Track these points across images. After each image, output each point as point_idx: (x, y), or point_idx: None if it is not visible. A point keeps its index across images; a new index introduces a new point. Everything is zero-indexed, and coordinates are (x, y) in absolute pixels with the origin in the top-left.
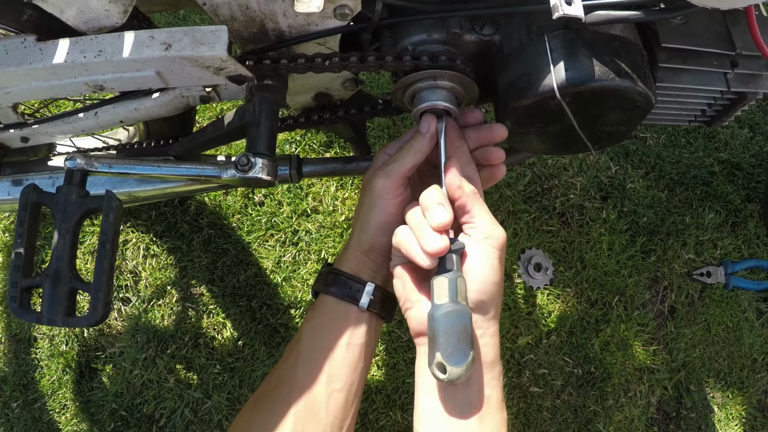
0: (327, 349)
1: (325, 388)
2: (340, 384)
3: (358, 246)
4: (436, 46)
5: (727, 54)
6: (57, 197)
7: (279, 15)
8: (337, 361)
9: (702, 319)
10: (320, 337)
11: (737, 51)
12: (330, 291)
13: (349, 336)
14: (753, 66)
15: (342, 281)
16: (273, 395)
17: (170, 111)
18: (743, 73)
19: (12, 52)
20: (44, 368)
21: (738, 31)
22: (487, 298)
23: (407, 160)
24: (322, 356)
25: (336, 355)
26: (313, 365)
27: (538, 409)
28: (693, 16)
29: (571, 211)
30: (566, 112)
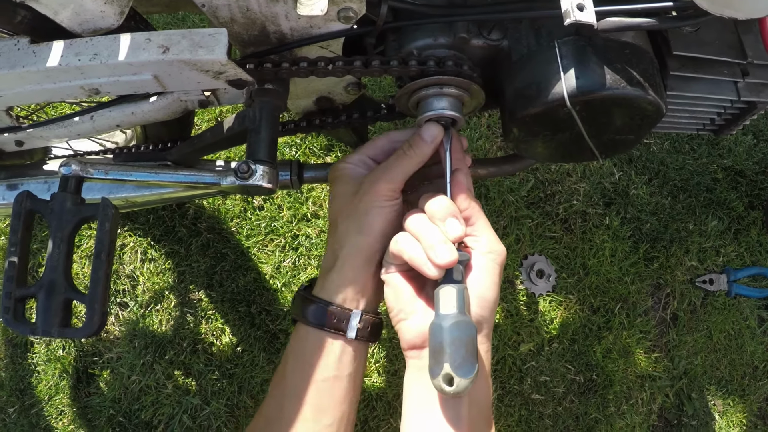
0: (314, 383)
1: (315, 425)
2: (330, 419)
3: (353, 257)
4: (443, 50)
5: (738, 63)
6: (51, 205)
7: (281, 17)
8: (326, 396)
9: (704, 327)
10: (305, 371)
11: (749, 60)
12: (312, 323)
13: (337, 368)
14: (764, 75)
15: (324, 312)
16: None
17: (168, 115)
18: (754, 83)
19: (5, 54)
20: (41, 373)
21: (750, 39)
22: (486, 313)
23: (410, 166)
24: (309, 392)
25: (324, 390)
26: (300, 402)
27: (539, 417)
28: (705, 24)
29: (574, 218)
30: (576, 121)
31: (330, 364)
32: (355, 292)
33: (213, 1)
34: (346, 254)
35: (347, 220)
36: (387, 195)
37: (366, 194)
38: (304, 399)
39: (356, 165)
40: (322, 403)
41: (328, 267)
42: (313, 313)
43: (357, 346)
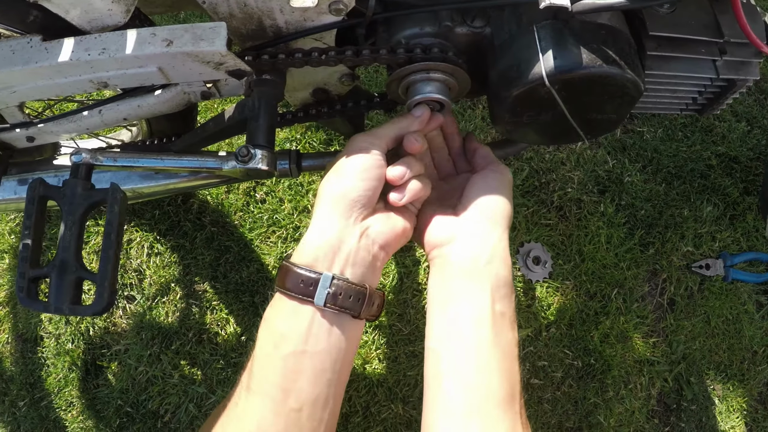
0: (278, 357)
1: (278, 406)
2: (297, 402)
3: (329, 205)
4: (429, 39)
5: (716, 42)
6: (63, 190)
7: (276, 11)
8: (291, 373)
9: (701, 312)
10: (271, 343)
11: (725, 38)
12: (282, 288)
13: (305, 341)
14: (742, 53)
15: (294, 274)
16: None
17: (172, 107)
18: (732, 60)
19: (18, 52)
20: (50, 367)
21: (726, 19)
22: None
23: (393, 129)
24: (273, 367)
25: (289, 366)
26: (264, 381)
27: (538, 401)
28: (681, 5)
29: (569, 205)
30: (557, 100)
31: (296, 336)
32: (328, 251)
33: None
34: (318, 204)
35: (326, 175)
36: (365, 142)
37: (348, 146)
38: (267, 375)
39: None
40: (286, 381)
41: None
42: (284, 278)
43: (333, 318)
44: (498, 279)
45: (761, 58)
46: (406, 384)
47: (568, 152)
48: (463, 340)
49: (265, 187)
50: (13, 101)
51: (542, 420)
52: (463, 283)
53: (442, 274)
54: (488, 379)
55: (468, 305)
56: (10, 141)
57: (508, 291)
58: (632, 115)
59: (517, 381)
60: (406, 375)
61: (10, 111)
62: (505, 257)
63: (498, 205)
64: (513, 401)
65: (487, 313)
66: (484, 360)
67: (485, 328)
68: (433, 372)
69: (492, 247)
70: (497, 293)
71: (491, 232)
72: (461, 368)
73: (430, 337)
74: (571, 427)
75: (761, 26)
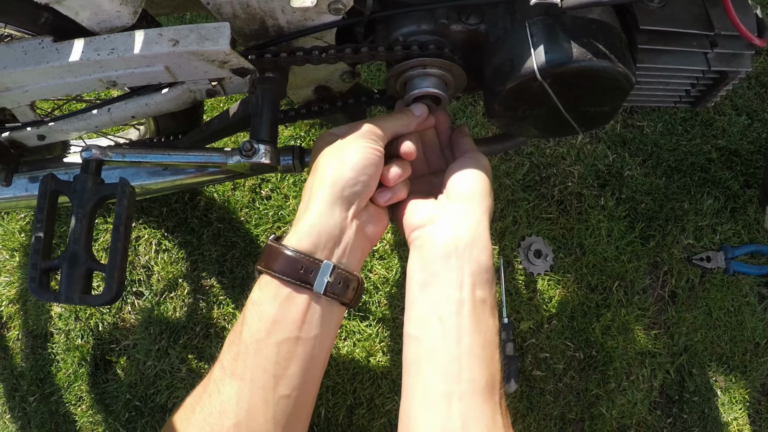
0: (272, 344)
1: (269, 394)
2: (288, 388)
3: (328, 193)
4: (425, 36)
5: (706, 34)
6: (74, 185)
7: (278, 11)
8: (284, 359)
9: (703, 304)
10: (263, 330)
11: (716, 31)
12: (276, 272)
13: (300, 327)
14: (733, 46)
15: (291, 259)
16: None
17: (179, 105)
18: (723, 53)
19: (30, 52)
20: (60, 362)
21: (716, 12)
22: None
23: (395, 124)
24: (265, 353)
25: (283, 352)
26: (255, 367)
27: (540, 393)
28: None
29: (569, 199)
30: (549, 94)
31: (293, 322)
32: (329, 239)
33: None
34: (319, 190)
35: (326, 158)
36: (369, 136)
37: (348, 133)
38: (258, 361)
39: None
40: (278, 367)
41: (301, 211)
42: (278, 262)
43: (326, 305)
44: (479, 265)
45: (753, 50)
46: None
47: (568, 147)
48: (443, 326)
49: (270, 184)
50: (25, 100)
51: (545, 411)
52: (443, 265)
53: (421, 256)
54: (469, 368)
55: (448, 290)
56: (22, 140)
57: (489, 277)
58: (632, 110)
59: (498, 370)
60: None
61: (22, 110)
62: (486, 242)
63: (475, 186)
64: (493, 390)
65: (468, 299)
66: (465, 348)
67: (466, 315)
68: (412, 358)
69: (472, 228)
70: (478, 278)
71: (470, 212)
72: (441, 356)
73: (409, 321)
74: (573, 418)
75: (752, 18)
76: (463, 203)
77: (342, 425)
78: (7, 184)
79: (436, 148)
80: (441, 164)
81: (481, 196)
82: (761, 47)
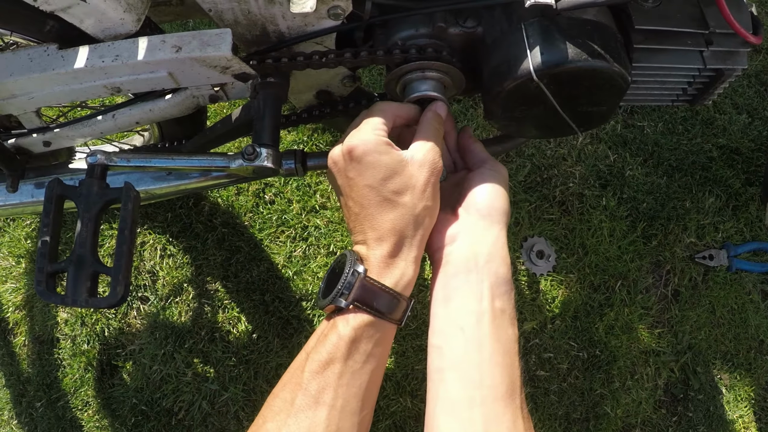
0: (365, 374)
1: (357, 417)
2: (369, 407)
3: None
4: (424, 39)
5: (702, 33)
6: (80, 189)
7: (278, 17)
8: (372, 386)
9: (706, 302)
10: (360, 362)
11: (711, 29)
12: (376, 310)
13: (385, 356)
14: (728, 43)
15: (387, 296)
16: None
17: (182, 111)
18: (719, 51)
19: (36, 59)
20: (66, 367)
21: (711, 11)
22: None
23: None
24: (358, 384)
25: (373, 380)
26: (348, 396)
27: (545, 393)
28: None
29: (571, 200)
30: (546, 94)
31: (382, 353)
32: (411, 280)
33: (218, 6)
34: (422, 237)
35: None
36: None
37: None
38: (352, 390)
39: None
40: (367, 392)
41: (391, 252)
42: (379, 300)
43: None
44: (498, 277)
45: (748, 48)
46: (414, 378)
47: (569, 148)
48: (464, 336)
49: (274, 188)
50: (30, 107)
51: (549, 411)
52: (464, 280)
53: (444, 273)
54: (490, 375)
55: (469, 303)
56: (28, 146)
57: (507, 288)
58: (632, 110)
59: (518, 376)
60: (414, 369)
61: (28, 116)
62: (504, 255)
63: (495, 202)
64: (514, 395)
65: (488, 310)
66: (486, 356)
67: (486, 325)
68: (436, 367)
69: (491, 245)
70: (497, 290)
71: (489, 230)
72: (463, 364)
73: (432, 333)
74: (578, 418)
75: (747, 16)
76: (483, 220)
77: None
78: (14, 190)
79: (444, 150)
80: (449, 166)
81: (501, 212)
82: (756, 44)
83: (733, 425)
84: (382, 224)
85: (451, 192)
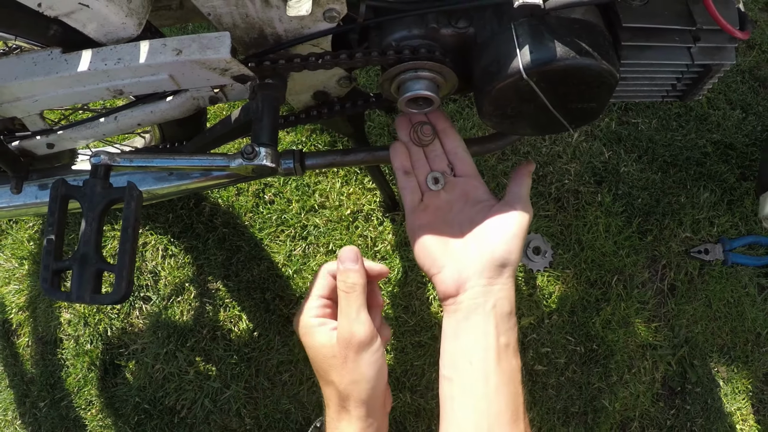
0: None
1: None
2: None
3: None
4: (417, 40)
5: (689, 29)
6: (84, 189)
7: (275, 21)
8: None
9: (702, 296)
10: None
11: (698, 26)
12: None
13: None
14: (715, 39)
15: None
16: None
17: (183, 112)
18: (706, 47)
19: (40, 63)
20: (70, 367)
21: (698, 8)
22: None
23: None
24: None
25: None
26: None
27: (543, 387)
28: None
29: (566, 196)
30: (536, 92)
31: None
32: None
33: (217, 10)
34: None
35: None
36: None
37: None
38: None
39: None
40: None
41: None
42: None
43: None
44: (502, 315)
45: (736, 43)
46: (413, 374)
47: (564, 145)
48: (472, 369)
49: (273, 188)
50: (34, 109)
51: (548, 405)
52: (472, 321)
53: (455, 318)
54: (496, 403)
55: (476, 339)
56: (31, 148)
57: (511, 323)
58: (626, 108)
59: (521, 402)
60: (413, 365)
61: (32, 119)
62: (510, 297)
63: (512, 254)
64: (518, 420)
65: (493, 346)
66: (492, 387)
67: (491, 359)
68: (447, 395)
69: (498, 292)
70: (502, 327)
71: (499, 279)
72: (472, 393)
73: (443, 365)
74: (576, 411)
75: (734, 12)
76: (495, 272)
77: None
78: (18, 191)
79: (439, 149)
80: (442, 164)
81: (515, 261)
82: (743, 39)
83: (731, 417)
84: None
85: (450, 207)
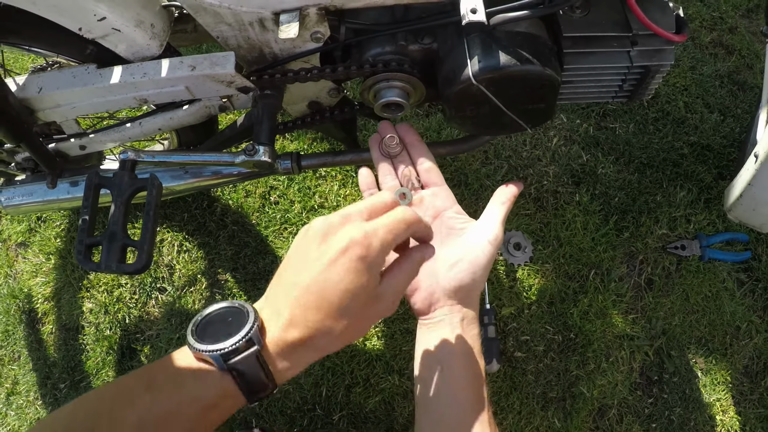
0: None
1: None
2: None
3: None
4: (390, 55)
5: (627, 36)
6: (113, 179)
7: (272, 42)
8: None
9: (680, 290)
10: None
11: (634, 32)
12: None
13: None
14: (653, 42)
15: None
16: None
17: (197, 119)
18: (645, 50)
19: (78, 76)
20: (90, 351)
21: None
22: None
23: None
24: None
25: None
26: None
27: (522, 373)
28: (594, 7)
29: (546, 196)
30: (487, 95)
31: None
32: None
33: (224, 33)
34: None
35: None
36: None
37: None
38: None
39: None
40: None
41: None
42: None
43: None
44: (468, 326)
45: (673, 45)
46: (402, 358)
47: (543, 149)
48: (441, 371)
49: (278, 191)
50: (71, 115)
51: (527, 390)
52: (442, 332)
53: (426, 328)
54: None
55: (444, 346)
56: (66, 150)
57: (475, 331)
58: (605, 113)
59: (485, 396)
60: (401, 350)
61: (69, 123)
62: (475, 310)
63: (478, 283)
64: (482, 412)
65: (460, 351)
66: (460, 385)
67: (458, 360)
68: (422, 394)
69: (465, 307)
70: (467, 334)
71: (466, 300)
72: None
73: (417, 368)
74: (554, 396)
75: (670, 17)
76: (463, 303)
77: (341, 402)
78: (53, 186)
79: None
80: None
81: (479, 287)
82: (680, 42)
83: (711, 408)
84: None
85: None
